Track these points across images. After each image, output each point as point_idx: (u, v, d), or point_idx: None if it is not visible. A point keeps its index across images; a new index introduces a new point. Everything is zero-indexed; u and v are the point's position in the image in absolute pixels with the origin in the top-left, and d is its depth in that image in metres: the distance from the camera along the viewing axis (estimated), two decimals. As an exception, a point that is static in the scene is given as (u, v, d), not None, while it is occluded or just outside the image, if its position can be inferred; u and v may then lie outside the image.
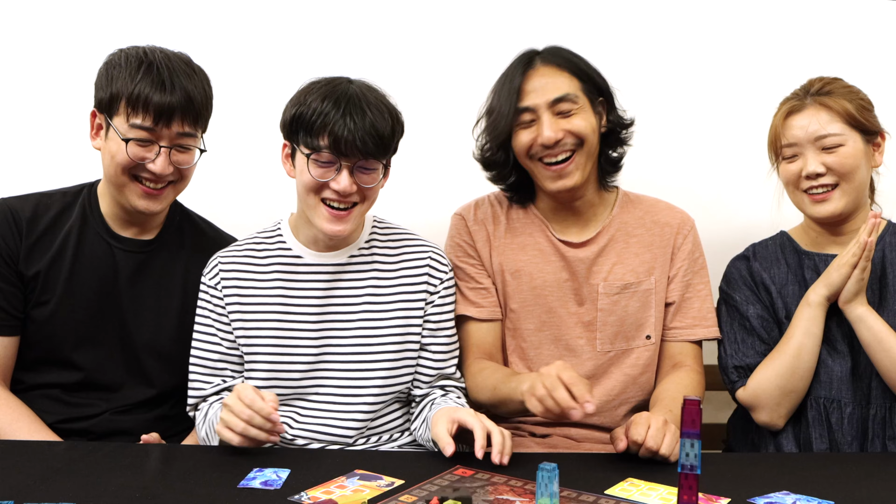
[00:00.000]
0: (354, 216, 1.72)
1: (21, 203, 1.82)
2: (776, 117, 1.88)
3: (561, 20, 2.33)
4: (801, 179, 1.82)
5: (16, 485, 1.39)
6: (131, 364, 1.84)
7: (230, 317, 1.77)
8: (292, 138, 1.72)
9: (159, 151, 1.73)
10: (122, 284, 1.83)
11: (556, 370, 1.56)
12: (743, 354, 1.85)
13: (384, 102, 1.71)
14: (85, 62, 2.21)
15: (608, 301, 1.88)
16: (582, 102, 1.83)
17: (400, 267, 1.81)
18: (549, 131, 1.79)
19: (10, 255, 1.77)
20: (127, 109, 1.70)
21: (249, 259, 1.80)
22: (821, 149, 1.80)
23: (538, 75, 1.83)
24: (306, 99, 1.68)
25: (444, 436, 1.55)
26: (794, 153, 1.83)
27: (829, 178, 1.80)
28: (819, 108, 1.81)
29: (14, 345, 1.79)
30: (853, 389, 1.78)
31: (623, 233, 1.92)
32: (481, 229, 1.95)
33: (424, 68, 2.32)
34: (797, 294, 1.84)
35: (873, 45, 2.37)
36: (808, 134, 1.80)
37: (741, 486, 1.45)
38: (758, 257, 1.92)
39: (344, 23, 2.32)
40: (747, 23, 2.38)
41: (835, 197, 1.80)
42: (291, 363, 1.75)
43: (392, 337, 1.77)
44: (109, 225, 1.84)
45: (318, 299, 1.77)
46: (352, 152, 1.65)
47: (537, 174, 1.86)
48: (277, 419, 1.52)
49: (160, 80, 1.70)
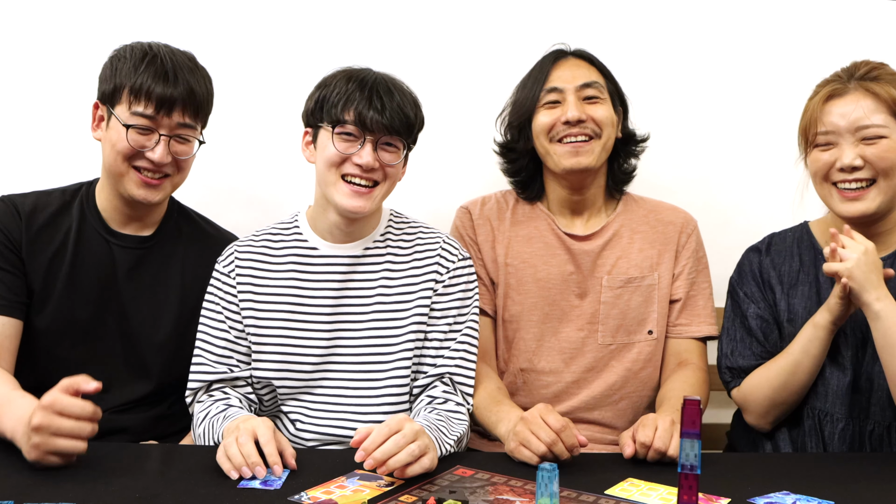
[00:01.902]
0: (375, 196, 1.72)
1: (21, 199, 1.83)
2: (813, 101, 1.72)
3: (572, 20, 2.33)
4: (832, 171, 1.68)
5: (16, 485, 1.39)
6: (130, 359, 1.84)
7: (241, 305, 1.76)
8: (316, 120, 1.74)
9: (159, 140, 1.74)
10: (121, 280, 1.84)
11: (539, 413, 1.56)
12: (739, 355, 1.82)
13: (407, 90, 1.76)
14: (84, 60, 2.23)
15: (611, 294, 1.90)
16: (606, 95, 1.91)
17: (412, 258, 1.80)
18: (573, 111, 1.85)
19: (13, 244, 1.78)
20: (129, 98, 1.73)
21: (265, 249, 1.80)
22: (860, 140, 1.65)
23: (568, 65, 1.92)
24: (331, 82, 1.73)
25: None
26: (829, 141, 1.68)
27: (865, 172, 1.65)
28: (864, 93, 1.66)
29: (15, 328, 1.77)
30: (849, 404, 1.73)
31: (628, 228, 1.95)
32: (485, 224, 1.97)
33: (435, 64, 2.32)
34: (806, 295, 1.79)
35: (879, 45, 2.36)
36: (848, 122, 1.65)
37: (741, 486, 1.45)
38: (771, 251, 1.85)
39: (355, 18, 2.32)
40: (754, 20, 2.37)
41: (870, 196, 1.66)
42: (302, 355, 1.74)
43: (404, 328, 1.74)
44: (107, 222, 1.85)
45: (332, 291, 1.76)
46: (377, 128, 1.67)
47: (553, 154, 1.88)
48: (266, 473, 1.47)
49: (163, 72, 1.73)
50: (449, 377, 1.75)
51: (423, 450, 1.44)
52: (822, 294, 1.77)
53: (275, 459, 1.47)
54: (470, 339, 1.79)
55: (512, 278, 1.93)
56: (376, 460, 1.40)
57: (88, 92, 1.84)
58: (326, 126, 1.71)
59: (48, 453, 1.44)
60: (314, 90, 1.76)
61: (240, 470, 1.45)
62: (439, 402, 1.72)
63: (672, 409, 1.71)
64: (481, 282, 1.93)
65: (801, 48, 2.36)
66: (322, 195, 1.76)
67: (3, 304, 1.75)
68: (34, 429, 1.42)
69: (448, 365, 1.76)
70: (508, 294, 1.94)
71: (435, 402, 1.72)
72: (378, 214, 1.82)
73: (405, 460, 1.41)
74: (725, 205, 2.35)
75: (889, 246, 1.76)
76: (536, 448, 1.53)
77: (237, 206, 2.26)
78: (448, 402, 1.73)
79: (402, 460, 1.41)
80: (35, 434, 1.43)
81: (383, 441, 1.42)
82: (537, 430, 1.53)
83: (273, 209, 2.11)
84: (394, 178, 1.76)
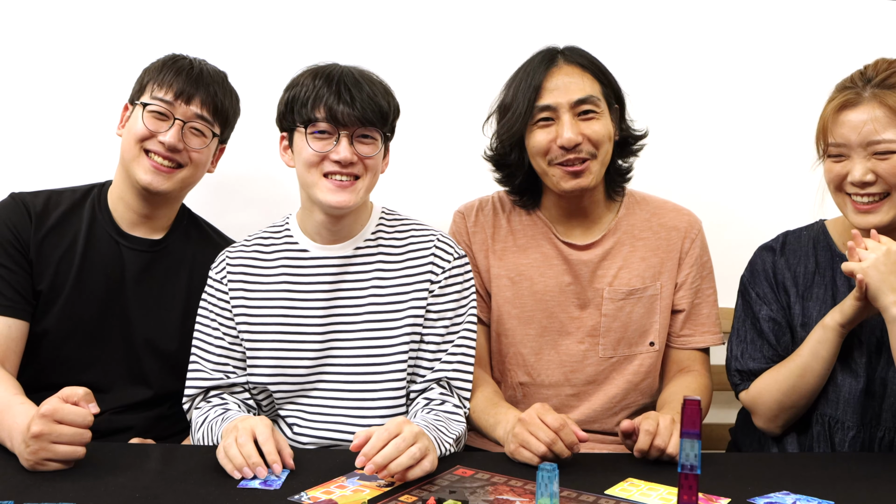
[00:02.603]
0: (358, 189, 1.69)
1: (32, 197, 1.85)
2: (828, 107, 1.68)
3: (569, 18, 2.32)
4: (845, 183, 1.65)
5: (16, 485, 1.39)
6: (131, 364, 1.84)
7: (234, 311, 1.76)
8: (288, 123, 1.73)
9: (173, 123, 1.80)
10: (129, 283, 1.85)
11: (537, 413, 1.55)
12: (749, 357, 1.79)
13: (377, 79, 1.74)
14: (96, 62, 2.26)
15: (613, 307, 1.86)
16: (602, 107, 1.81)
17: (405, 257, 1.77)
18: (569, 132, 1.76)
19: (22, 243, 1.79)
20: (153, 86, 1.82)
21: (257, 253, 1.80)
22: (872, 154, 1.62)
23: (561, 73, 1.80)
24: (298, 82, 1.71)
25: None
26: (841, 153, 1.65)
27: (878, 186, 1.62)
28: (877, 105, 1.61)
29: (20, 330, 1.76)
30: (861, 412, 1.70)
31: (629, 236, 1.90)
32: (480, 233, 1.93)
33: (430, 64, 2.31)
34: (821, 299, 1.75)
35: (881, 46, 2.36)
36: (860, 137, 1.61)
37: (741, 486, 1.45)
38: (786, 251, 1.81)
39: (352, 18, 2.32)
40: (760, 15, 2.36)
41: (883, 209, 1.63)
42: (296, 359, 1.73)
43: (399, 329, 1.73)
44: (118, 223, 1.86)
45: (324, 293, 1.75)
46: (349, 121, 1.65)
47: (550, 174, 1.82)
48: (267, 473, 1.46)
49: (189, 69, 1.83)
50: (447, 381, 1.74)
51: (424, 452, 1.44)
52: (838, 298, 1.72)
53: (274, 458, 1.47)
54: (467, 342, 1.77)
55: (507, 291, 1.89)
56: (377, 465, 1.39)
57: (104, 93, 1.88)
58: (299, 127, 1.69)
59: (46, 460, 1.44)
60: (283, 93, 1.74)
61: (241, 470, 1.45)
62: (437, 403, 1.71)
63: (673, 411, 1.69)
64: (476, 290, 1.88)
65: (809, 43, 2.34)
66: (307, 197, 1.75)
67: (7, 305, 1.75)
68: (33, 436, 1.42)
69: (445, 370, 1.74)
70: (503, 307, 1.90)
71: (432, 404, 1.71)
72: (367, 212, 1.80)
73: (406, 464, 1.40)
74: (730, 201, 2.33)
75: None
76: (536, 448, 1.52)
77: (237, 206, 2.26)
78: (446, 404, 1.72)
79: (403, 464, 1.40)
80: (34, 441, 1.43)
81: (383, 445, 1.40)
82: (535, 431, 1.53)
83: (272, 210, 2.11)
84: (375, 170, 1.73)
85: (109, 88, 2.09)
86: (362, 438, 1.42)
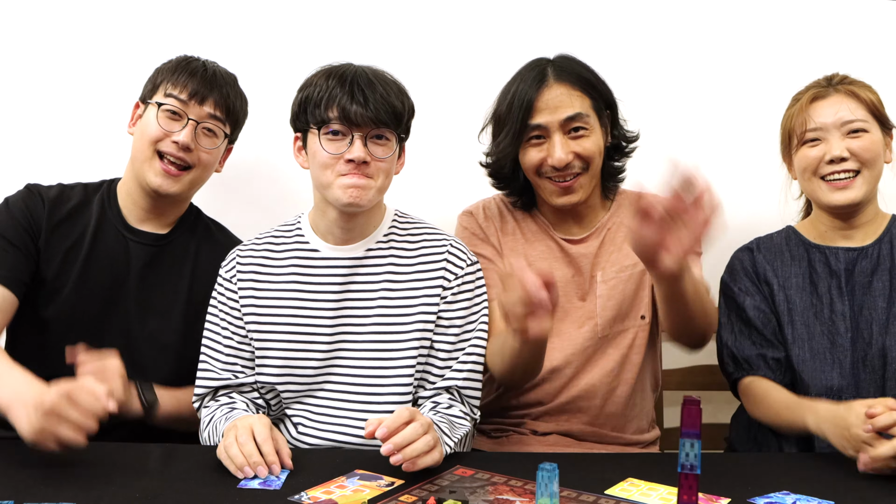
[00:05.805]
0: (371, 188, 1.68)
1: (46, 189, 1.90)
2: (796, 106, 1.86)
3: (566, 22, 2.33)
4: (821, 165, 1.80)
5: (16, 485, 1.39)
6: (132, 357, 1.84)
7: (243, 311, 1.75)
8: (301, 124, 1.72)
9: (186, 123, 1.83)
10: (133, 278, 1.87)
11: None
12: (741, 345, 1.84)
13: (391, 79, 1.73)
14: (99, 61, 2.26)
15: (606, 287, 1.89)
16: (592, 123, 1.83)
17: (417, 261, 1.76)
18: (560, 153, 1.80)
19: (34, 230, 1.83)
20: (166, 86, 1.85)
21: (267, 252, 1.79)
22: (846, 134, 1.79)
23: (551, 92, 1.82)
24: (311, 82, 1.71)
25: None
26: (818, 137, 1.81)
27: (851, 163, 1.78)
28: (846, 95, 1.81)
29: (8, 301, 1.77)
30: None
31: (618, 221, 1.94)
32: (491, 227, 1.96)
33: (434, 68, 2.32)
34: (801, 286, 1.84)
35: (873, 45, 2.36)
36: (835, 119, 1.79)
37: (741, 486, 1.45)
38: (762, 249, 1.91)
39: (357, 18, 2.32)
40: (751, 20, 2.37)
41: (856, 184, 1.78)
42: (305, 359, 1.72)
43: (408, 333, 1.72)
44: (126, 218, 1.90)
45: (334, 294, 1.74)
46: (363, 121, 1.64)
47: (543, 188, 1.87)
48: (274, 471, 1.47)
49: (202, 70, 1.87)
50: (456, 390, 1.73)
51: (435, 442, 1.45)
52: (815, 279, 1.83)
53: (272, 458, 1.47)
54: (478, 350, 1.75)
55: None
56: (396, 444, 1.40)
57: (115, 91, 1.89)
58: (313, 128, 1.69)
59: (49, 437, 1.43)
60: (297, 93, 1.73)
61: (242, 470, 1.45)
62: (443, 406, 1.70)
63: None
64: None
65: (789, 49, 2.35)
66: (321, 197, 1.74)
67: (4, 274, 1.77)
68: (46, 411, 1.41)
69: (456, 378, 1.72)
70: None
71: (439, 407, 1.70)
72: (380, 213, 1.80)
73: (422, 449, 1.42)
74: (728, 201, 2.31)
75: (870, 236, 1.85)
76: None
77: (237, 206, 2.25)
78: (453, 408, 1.70)
79: (419, 449, 1.42)
80: (45, 416, 1.42)
81: (401, 427, 1.42)
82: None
83: (274, 209, 2.11)
84: (388, 171, 1.72)
85: (121, 87, 2.10)
86: (374, 424, 1.42)
